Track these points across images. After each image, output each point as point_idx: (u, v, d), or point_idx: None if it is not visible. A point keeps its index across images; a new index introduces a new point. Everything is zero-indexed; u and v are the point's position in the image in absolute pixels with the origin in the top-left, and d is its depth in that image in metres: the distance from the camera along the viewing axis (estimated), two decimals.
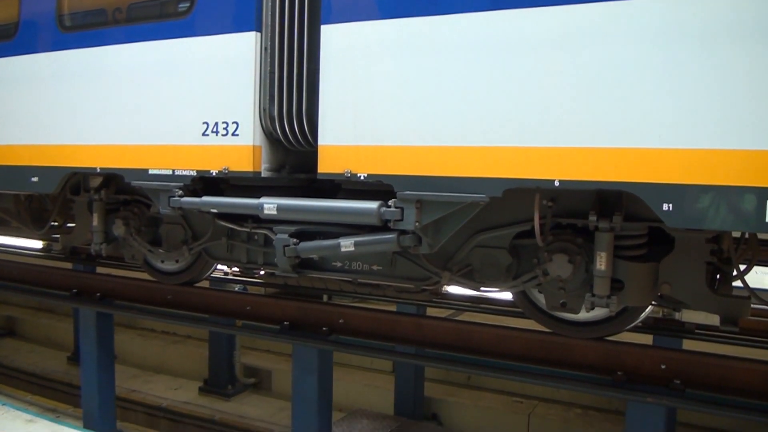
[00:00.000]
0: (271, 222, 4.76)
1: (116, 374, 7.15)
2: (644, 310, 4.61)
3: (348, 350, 5.66)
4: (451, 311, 8.06)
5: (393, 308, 7.10)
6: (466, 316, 7.75)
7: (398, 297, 5.25)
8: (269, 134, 4.58)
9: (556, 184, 3.52)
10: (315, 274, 4.96)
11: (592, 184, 3.45)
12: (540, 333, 4.89)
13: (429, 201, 3.90)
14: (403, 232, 4.09)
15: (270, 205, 4.41)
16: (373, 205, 4.01)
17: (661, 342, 6.00)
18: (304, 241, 4.58)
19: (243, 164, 4.51)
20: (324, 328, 5.57)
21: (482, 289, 4.54)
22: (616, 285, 3.99)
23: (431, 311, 7.43)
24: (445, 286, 6.02)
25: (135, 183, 5.00)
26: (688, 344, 5.90)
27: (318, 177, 4.25)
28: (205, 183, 4.98)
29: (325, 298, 8.44)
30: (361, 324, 5.56)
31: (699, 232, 3.82)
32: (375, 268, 4.84)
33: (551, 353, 4.78)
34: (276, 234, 4.67)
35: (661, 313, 8.11)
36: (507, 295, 6.27)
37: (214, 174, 4.62)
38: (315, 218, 4.36)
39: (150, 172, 4.90)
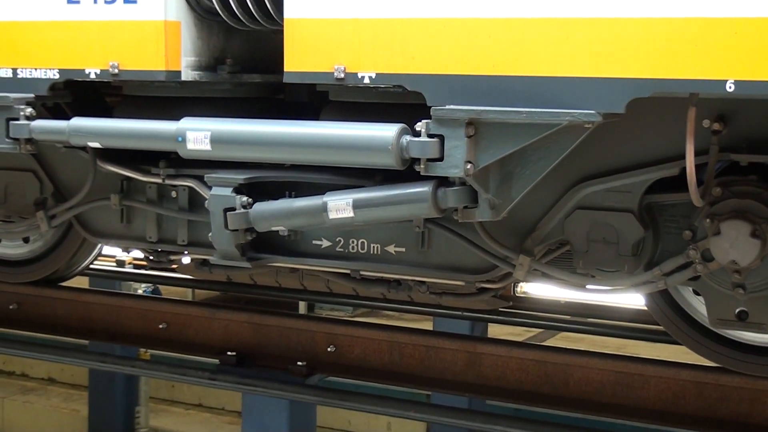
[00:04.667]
0: (200, 165, 4.85)
1: None
2: None
3: (344, 402, 5.75)
4: (533, 332, 8.19)
5: (426, 326, 7.22)
6: (558, 341, 7.81)
7: (435, 305, 5.29)
8: (194, 1, 4.65)
9: (729, 87, 3.53)
10: (282, 263, 5.05)
11: None
12: (697, 369, 4.98)
13: (491, 123, 3.90)
14: (443, 182, 4.13)
15: (198, 132, 4.43)
16: (387, 130, 4.03)
17: None
18: (261, 201, 4.65)
19: (146, 57, 4.57)
20: (300, 363, 5.69)
21: (589, 287, 4.61)
22: None
23: (495, 331, 7.55)
24: (522, 284, 6.04)
25: None
26: None
27: (285, 80, 4.30)
28: (76, 93, 5.05)
29: (302, 307, 8.54)
30: (366, 355, 5.66)
31: None
32: (393, 250, 4.92)
33: (720, 406, 4.85)
34: (210, 187, 4.74)
35: None
36: (635, 299, 6.34)
37: (92, 76, 4.68)
38: (280, 156, 4.43)
39: None
